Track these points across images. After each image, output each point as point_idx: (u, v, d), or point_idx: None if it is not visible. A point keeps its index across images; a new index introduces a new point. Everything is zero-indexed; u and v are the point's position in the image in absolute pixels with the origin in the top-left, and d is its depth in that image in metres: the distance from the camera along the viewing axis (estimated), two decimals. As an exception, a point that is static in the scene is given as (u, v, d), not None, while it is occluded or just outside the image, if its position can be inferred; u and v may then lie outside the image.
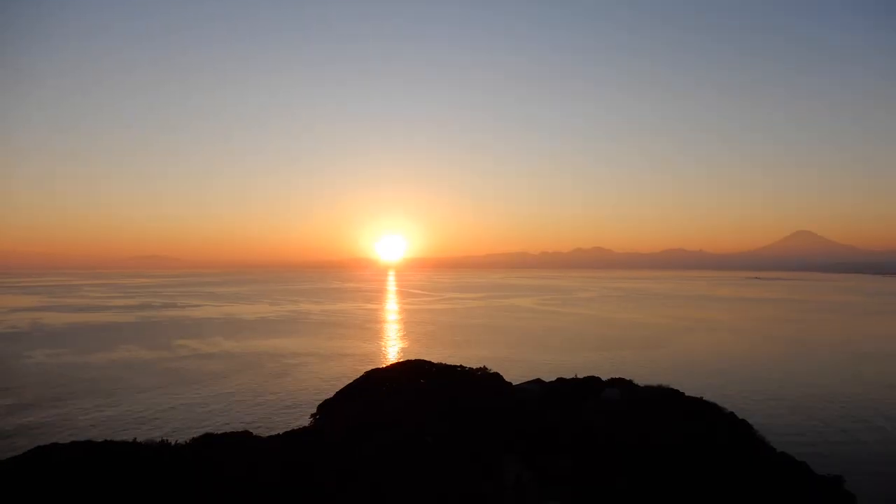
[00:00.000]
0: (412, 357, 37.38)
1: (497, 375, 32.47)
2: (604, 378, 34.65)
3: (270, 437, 25.58)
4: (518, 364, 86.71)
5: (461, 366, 32.89)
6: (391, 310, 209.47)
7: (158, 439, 22.94)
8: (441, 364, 32.67)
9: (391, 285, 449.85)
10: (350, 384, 31.80)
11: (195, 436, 24.23)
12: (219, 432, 25.20)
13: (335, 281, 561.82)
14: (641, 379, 36.68)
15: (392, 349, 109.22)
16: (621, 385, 32.80)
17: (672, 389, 31.50)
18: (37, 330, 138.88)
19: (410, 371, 31.56)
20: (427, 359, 34.20)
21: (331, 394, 32.37)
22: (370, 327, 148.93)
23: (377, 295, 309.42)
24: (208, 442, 23.08)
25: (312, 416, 30.10)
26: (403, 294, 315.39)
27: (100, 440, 22.51)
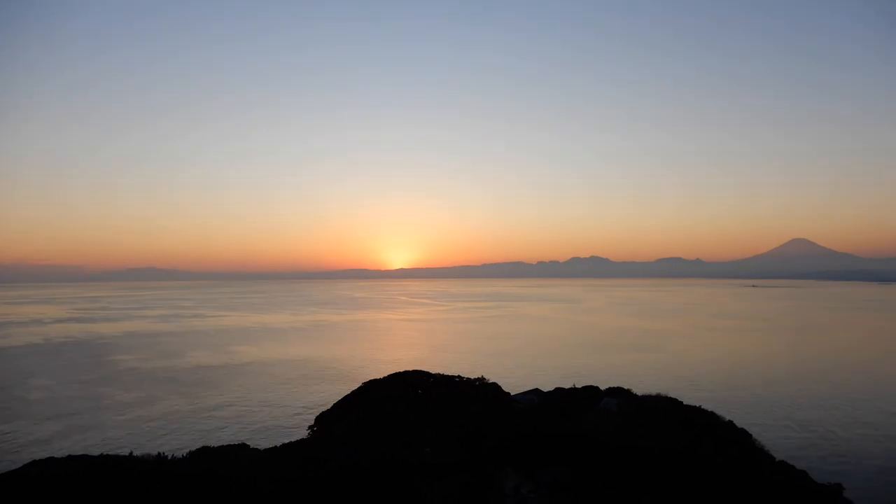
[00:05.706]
0: (415, 366, 37.23)
1: (495, 385, 32.30)
2: (602, 387, 34.52)
3: (267, 449, 25.45)
4: (518, 372, 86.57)
5: (459, 376, 32.70)
6: (398, 319, 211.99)
7: (155, 453, 22.81)
8: (439, 374, 32.47)
9: (395, 294, 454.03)
10: (347, 396, 31.60)
11: (192, 449, 24.13)
12: (215, 445, 25.08)
13: (343, 290, 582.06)
14: (641, 387, 36.58)
15: (396, 357, 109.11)
16: (619, 394, 32.67)
17: (670, 398, 31.39)
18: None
19: (408, 381, 31.39)
20: (429, 367, 33.97)
21: (330, 405, 32.22)
22: (378, 336, 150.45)
23: (385, 304, 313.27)
24: (204, 455, 22.96)
25: (310, 427, 29.91)
26: (410, 303, 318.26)
27: (96, 454, 22.37)
